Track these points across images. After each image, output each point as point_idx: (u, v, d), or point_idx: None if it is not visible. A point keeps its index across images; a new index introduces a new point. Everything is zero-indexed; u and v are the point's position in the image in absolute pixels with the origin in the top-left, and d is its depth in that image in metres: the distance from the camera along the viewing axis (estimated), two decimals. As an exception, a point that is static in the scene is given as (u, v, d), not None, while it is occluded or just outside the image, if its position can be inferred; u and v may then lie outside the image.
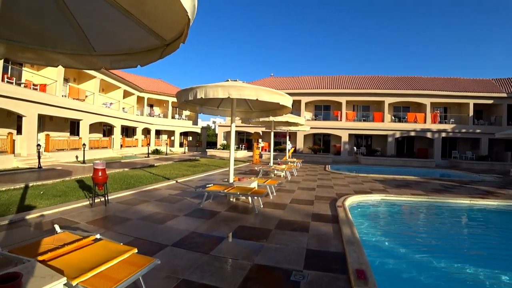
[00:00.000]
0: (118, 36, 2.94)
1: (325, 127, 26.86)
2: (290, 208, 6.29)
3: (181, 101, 6.28)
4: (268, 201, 6.84)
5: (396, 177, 12.97)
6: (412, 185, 10.59)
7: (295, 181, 10.60)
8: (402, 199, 8.00)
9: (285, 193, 7.98)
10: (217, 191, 6.09)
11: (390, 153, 25.35)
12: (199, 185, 8.89)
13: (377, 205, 7.64)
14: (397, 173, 15.76)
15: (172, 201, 6.72)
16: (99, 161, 6.37)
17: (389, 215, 7.10)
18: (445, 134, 25.42)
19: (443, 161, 24.69)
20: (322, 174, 13.23)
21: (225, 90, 5.25)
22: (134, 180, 9.65)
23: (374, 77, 31.80)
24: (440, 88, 26.91)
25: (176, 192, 7.79)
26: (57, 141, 16.76)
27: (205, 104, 8.11)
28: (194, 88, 5.57)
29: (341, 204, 6.42)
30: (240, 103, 7.87)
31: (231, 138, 6.81)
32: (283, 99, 5.73)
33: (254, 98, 5.28)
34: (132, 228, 4.78)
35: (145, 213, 5.66)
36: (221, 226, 4.90)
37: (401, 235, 5.52)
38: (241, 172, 12.97)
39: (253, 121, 11.06)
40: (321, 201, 7.06)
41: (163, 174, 11.26)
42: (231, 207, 6.24)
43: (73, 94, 20.18)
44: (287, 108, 7.07)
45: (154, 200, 6.87)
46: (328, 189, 9.08)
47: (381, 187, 9.80)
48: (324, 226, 5.00)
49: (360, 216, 6.45)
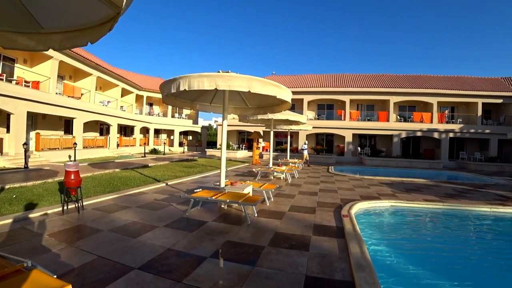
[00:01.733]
0: (68, 10, 2.47)
1: (328, 126, 26.01)
2: (289, 217, 5.50)
3: (164, 94, 5.50)
4: (264, 209, 6.06)
5: (404, 179, 12.14)
6: (422, 189, 9.76)
7: (296, 184, 9.80)
8: (415, 206, 7.18)
9: (284, 199, 7.18)
10: (203, 197, 5.31)
11: (396, 154, 24.45)
12: (190, 189, 8.14)
13: (387, 213, 6.83)
14: (404, 175, 14.93)
15: (155, 208, 5.96)
16: (72, 162, 5.63)
17: (402, 225, 6.27)
18: (452, 134, 24.48)
19: (451, 162, 23.76)
20: (325, 176, 12.42)
21: (211, 80, 4.47)
22: (121, 182, 8.91)
23: (378, 75, 30.89)
24: (447, 86, 25.98)
25: (162, 197, 7.03)
26: (48, 140, 16.07)
27: (196, 100, 7.34)
28: (177, 78, 4.81)
29: (347, 213, 5.62)
30: (234, 98, 7.09)
31: (223, 137, 6.03)
32: (280, 92, 4.94)
33: (245, 89, 4.50)
34: (99, 242, 4.02)
35: (120, 223, 4.90)
36: (204, 241, 4.12)
37: (420, 252, 4.70)
38: (238, 174, 12.20)
39: (251, 119, 10.28)
40: (324, 209, 6.26)
41: (154, 176, 10.51)
42: (222, 216, 5.46)
43: (68, 91, 19.50)
44: (286, 103, 6.29)
45: (135, 206, 6.11)
46: (332, 193, 8.27)
47: (389, 192, 8.99)
48: (328, 242, 4.20)
49: (369, 227, 5.63)
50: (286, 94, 5.18)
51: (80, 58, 19.48)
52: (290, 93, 5.34)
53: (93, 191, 7.42)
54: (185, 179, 10.08)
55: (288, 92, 5.24)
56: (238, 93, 6.70)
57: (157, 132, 33.14)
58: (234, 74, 4.49)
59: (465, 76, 30.33)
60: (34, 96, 14.89)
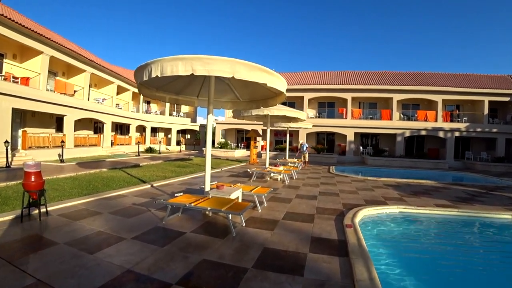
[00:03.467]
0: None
1: (329, 125, 25.21)
2: (282, 227, 4.71)
3: (137, 83, 4.73)
4: (255, 216, 5.28)
5: (409, 181, 11.34)
6: (431, 192, 8.97)
7: (293, 186, 9.01)
8: (426, 213, 6.38)
9: (278, 204, 6.39)
10: (181, 204, 4.53)
11: (399, 154, 23.62)
12: (175, 191, 7.37)
13: (396, 221, 6.02)
14: (410, 176, 14.12)
15: (130, 214, 5.19)
16: (33, 162, 4.88)
17: (414, 236, 5.46)
18: (458, 133, 23.60)
19: (456, 162, 22.88)
20: (325, 177, 11.62)
21: (186, 64, 3.70)
22: (103, 183, 8.16)
23: (381, 72, 30.03)
24: (452, 84, 25.13)
25: (142, 201, 6.26)
26: (36, 138, 15.34)
27: (182, 92, 6.56)
28: (149, 63, 4.05)
29: (351, 223, 4.84)
30: (222, 90, 6.31)
31: (207, 134, 5.25)
32: (271, 79, 4.16)
33: (228, 75, 3.72)
34: (47, 260, 3.26)
35: (82, 234, 4.14)
36: (175, 259, 3.35)
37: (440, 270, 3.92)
38: (233, 174, 11.42)
39: (245, 115, 9.50)
40: (324, 216, 5.47)
41: (142, 176, 9.75)
42: (204, 224, 4.69)
43: (59, 88, 18.77)
44: (280, 95, 5.52)
45: (108, 212, 5.35)
46: (333, 197, 7.48)
47: (396, 195, 8.20)
48: (328, 262, 3.42)
49: (376, 239, 4.85)
50: (279, 83, 4.39)
51: (73, 53, 18.75)
52: (284, 81, 4.56)
53: (68, 193, 6.67)
54: (174, 180, 9.30)
55: (282, 80, 4.46)
56: (226, 83, 5.93)
57: (154, 131, 32.42)
58: (214, 56, 3.71)
59: (471, 73, 29.45)
60: (20, 92, 14.15)
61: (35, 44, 15.87)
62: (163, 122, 31.18)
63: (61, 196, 6.38)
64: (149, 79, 4.09)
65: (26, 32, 15.09)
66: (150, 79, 4.97)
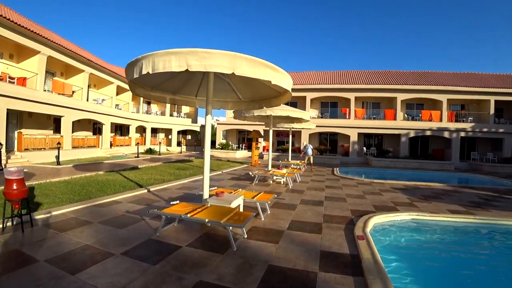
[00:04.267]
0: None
1: (332, 125, 24.75)
2: (288, 239, 4.29)
3: (129, 81, 4.33)
4: (258, 226, 4.86)
5: (418, 184, 10.90)
6: (442, 196, 8.53)
7: (297, 191, 8.59)
8: (440, 220, 5.95)
9: (283, 211, 5.97)
10: (176, 214, 4.11)
11: (404, 154, 23.14)
12: (173, 196, 6.96)
13: (409, 229, 5.59)
14: (416, 178, 13.68)
15: (122, 224, 4.79)
16: (15, 168, 4.47)
17: (430, 247, 5.01)
18: (464, 133, 23.10)
19: (462, 163, 22.39)
20: (330, 180, 11.18)
21: (180, 58, 3.29)
22: (97, 188, 7.76)
23: (385, 72, 29.58)
24: (457, 83, 24.63)
25: (137, 208, 5.85)
26: (32, 139, 14.97)
27: (179, 92, 6.15)
28: (140, 59, 3.64)
29: (362, 233, 4.41)
30: (222, 89, 5.90)
31: (206, 136, 4.84)
32: (276, 76, 3.74)
33: (228, 71, 3.31)
34: (19, 282, 2.86)
35: (66, 248, 3.74)
36: (168, 282, 2.93)
37: None
38: (234, 177, 11.00)
39: (247, 115, 9.09)
40: (332, 225, 5.05)
41: (139, 180, 9.35)
42: (203, 236, 4.27)
43: (57, 88, 18.45)
44: (285, 94, 5.11)
45: (99, 221, 4.94)
46: (340, 202, 7.05)
47: (405, 200, 7.76)
48: (342, 283, 2.99)
49: (390, 250, 4.42)
50: (285, 81, 3.97)
51: (71, 53, 18.40)
52: (290, 79, 4.14)
53: (58, 200, 6.27)
54: (172, 184, 8.89)
55: (287, 77, 4.04)
56: (227, 82, 5.52)
57: (154, 132, 32.05)
58: (212, 50, 3.30)
59: (476, 72, 28.99)
60: (15, 93, 13.79)
61: (32, 44, 15.53)
62: (164, 123, 30.79)
63: (51, 203, 5.98)
64: (141, 77, 3.68)
65: (22, 31, 14.74)
66: (143, 77, 4.58)
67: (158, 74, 4.81)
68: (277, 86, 4.34)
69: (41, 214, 5.17)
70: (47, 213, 5.28)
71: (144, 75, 4.40)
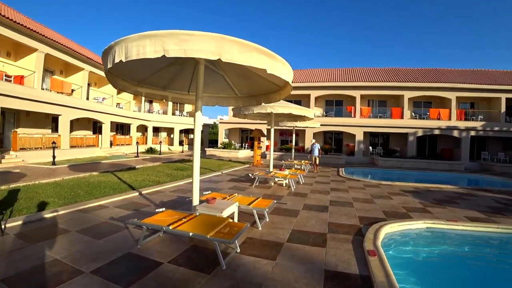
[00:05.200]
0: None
1: (337, 124, 24.06)
2: (287, 253, 3.73)
3: (106, 73, 3.81)
4: (254, 235, 4.31)
5: (428, 186, 10.25)
6: (456, 200, 7.89)
7: (300, 194, 8.01)
8: (459, 229, 5.33)
9: (283, 218, 5.40)
10: (157, 225, 3.57)
11: (411, 154, 22.40)
12: (165, 201, 6.44)
13: (425, 239, 5.00)
14: (426, 179, 13.04)
15: (102, 233, 4.27)
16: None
17: (450, 261, 4.42)
18: (474, 132, 22.26)
19: (472, 163, 21.59)
20: (335, 182, 10.57)
21: (156, 42, 2.75)
22: (86, 190, 7.26)
23: (391, 69, 28.82)
24: (466, 80, 23.77)
25: (122, 214, 5.33)
26: (28, 138, 14.57)
27: (169, 87, 5.62)
28: (112, 45, 3.10)
29: (373, 248, 3.83)
30: (216, 83, 5.35)
31: (195, 135, 4.29)
32: (272, 64, 3.18)
33: (213, 56, 2.76)
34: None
35: (31, 263, 3.23)
36: (137, 314, 2.40)
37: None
38: (234, 179, 10.46)
39: (246, 113, 8.55)
40: (338, 236, 4.47)
41: (132, 181, 8.85)
42: (188, 250, 3.73)
43: (56, 87, 18.06)
44: (285, 87, 4.54)
45: (77, 229, 4.44)
46: (347, 208, 6.46)
47: (417, 205, 7.14)
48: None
49: (406, 267, 3.83)
50: (284, 70, 3.41)
51: (69, 51, 18.03)
52: (290, 68, 3.58)
53: (41, 204, 5.78)
54: (167, 186, 8.37)
55: (287, 66, 3.48)
56: (220, 75, 4.97)
57: (156, 131, 31.64)
58: (195, 32, 2.75)
59: (486, 69, 28.05)
60: (9, 91, 13.39)
61: (29, 41, 15.16)
62: (165, 122, 30.35)
63: (32, 208, 5.49)
64: (121, 68, 3.18)
65: (19, 28, 14.39)
66: (124, 69, 4.07)
67: (141, 65, 4.30)
68: (275, 77, 3.79)
69: (16, 221, 4.68)
70: (24, 219, 4.79)
71: (124, 66, 3.89)
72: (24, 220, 4.77)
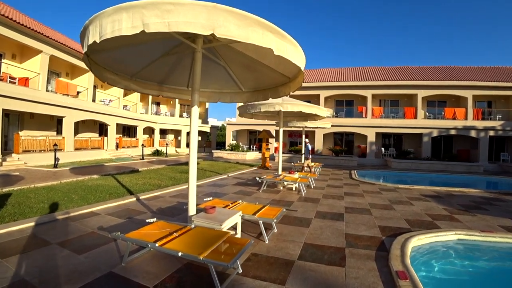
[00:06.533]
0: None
1: (348, 124, 23.27)
2: (299, 274, 3.10)
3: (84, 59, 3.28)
4: (260, 251, 3.70)
5: (450, 190, 9.46)
6: (484, 206, 7.12)
7: (312, 199, 7.35)
8: (497, 241, 4.60)
9: (293, 228, 4.76)
10: (142, 241, 2.98)
11: (426, 155, 21.43)
12: (163, 207, 5.89)
13: (458, 254, 4.29)
14: (444, 182, 12.25)
15: (85, 247, 3.72)
16: None
17: (491, 281, 3.74)
18: (493, 132, 21.17)
19: (491, 165, 20.51)
20: (349, 186, 9.87)
21: (134, 15, 2.19)
22: (81, 195, 6.77)
23: (403, 67, 27.88)
24: (483, 78, 22.69)
25: (113, 223, 4.79)
26: (31, 141, 14.29)
27: (166, 82, 5.07)
28: (87, 24, 2.56)
29: (402, 268, 3.17)
30: (217, 76, 4.78)
31: (191, 133, 3.73)
32: (280, 44, 2.57)
33: (204, 31, 2.18)
34: None
35: (-10, 289, 2.70)
36: None
37: None
38: (240, 182, 9.87)
39: (253, 112, 7.99)
40: (358, 251, 3.81)
41: (132, 185, 8.34)
42: (182, 269, 3.15)
43: (61, 89, 17.81)
44: (296, 78, 3.94)
45: (59, 241, 3.91)
46: (364, 215, 5.78)
47: (442, 211, 6.41)
48: None
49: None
50: (294, 52, 2.79)
51: (75, 53, 17.79)
52: (302, 51, 2.96)
53: (28, 211, 5.29)
54: (168, 191, 7.82)
55: (298, 49, 2.87)
56: (222, 66, 4.40)
57: (163, 133, 31.35)
58: (182, 0, 2.18)
59: (503, 66, 26.85)
60: (12, 92, 13.14)
61: (34, 43, 14.98)
62: (173, 124, 30.01)
63: (16, 215, 5.00)
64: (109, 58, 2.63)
65: (23, 30, 14.21)
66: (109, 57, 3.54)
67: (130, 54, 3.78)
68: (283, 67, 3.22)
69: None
70: (5, 228, 4.30)
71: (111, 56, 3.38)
72: (4, 229, 4.27)
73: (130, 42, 3.51)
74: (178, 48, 4.02)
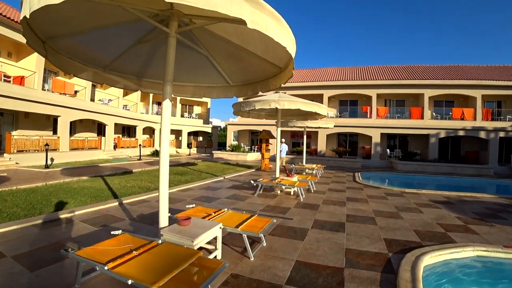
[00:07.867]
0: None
1: (351, 125, 22.59)
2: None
3: (28, 42, 2.76)
4: (242, 272, 3.13)
5: (461, 194, 8.80)
6: (502, 214, 6.46)
7: (311, 205, 6.76)
8: (523, 258, 3.99)
9: (286, 241, 4.18)
10: (92, 261, 2.42)
11: (433, 157, 20.68)
12: (146, 213, 5.35)
13: (478, 275, 3.69)
14: (454, 186, 11.57)
15: (41, 261, 3.17)
16: None
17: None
18: (503, 133, 20.35)
19: (501, 167, 19.69)
20: (352, 190, 9.23)
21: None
22: (61, 198, 6.25)
23: (409, 66, 27.11)
24: (492, 77, 21.87)
25: (83, 233, 4.25)
26: (23, 140, 13.89)
27: (145, 74, 4.54)
28: None
29: (415, 298, 2.59)
30: (201, 67, 4.23)
31: (162, 130, 3.19)
32: (255, 15, 2.01)
33: (183, 0, 1.63)
34: None
35: None
36: None
37: None
38: (235, 186, 9.31)
39: (248, 110, 7.45)
40: (360, 272, 3.22)
41: (120, 188, 7.82)
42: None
43: (58, 88, 17.42)
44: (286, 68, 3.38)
45: (16, 253, 3.40)
46: (368, 225, 5.18)
47: (455, 220, 5.78)
48: None
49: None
50: (277, 29, 2.21)
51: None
52: (289, 30, 2.40)
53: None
54: (156, 194, 7.26)
55: (283, 24, 2.29)
56: (204, 56, 3.85)
57: (164, 133, 30.92)
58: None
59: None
60: (5, 91, 12.75)
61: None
62: (173, 124, 29.51)
63: (-19, 222, 4.50)
64: (72, 45, 2.07)
65: (19, 28, 13.79)
66: (72, 43, 3.02)
67: (96, 41, 3.26)
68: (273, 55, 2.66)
69: None
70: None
71: (70, 41, 2.85)
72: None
73: (90, 26, 2.99)
74: (151, 34, 3.51)
